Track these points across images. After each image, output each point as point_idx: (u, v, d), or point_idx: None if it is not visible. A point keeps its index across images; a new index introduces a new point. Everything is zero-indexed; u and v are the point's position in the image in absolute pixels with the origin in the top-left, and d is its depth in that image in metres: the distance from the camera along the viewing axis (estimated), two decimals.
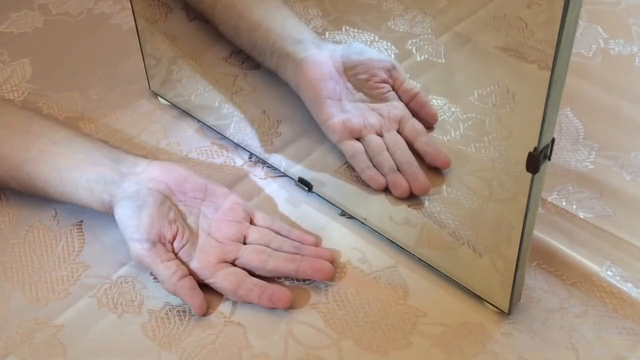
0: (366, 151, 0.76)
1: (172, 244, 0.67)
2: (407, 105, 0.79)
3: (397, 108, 0.78)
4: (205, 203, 0.71)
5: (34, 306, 0.67)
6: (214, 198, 0.71)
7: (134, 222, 0.66)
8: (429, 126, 0.79)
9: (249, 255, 0.68)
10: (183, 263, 0.67)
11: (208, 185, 0.71)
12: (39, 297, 0.68)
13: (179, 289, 0.65)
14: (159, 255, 0.66)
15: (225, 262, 0.68)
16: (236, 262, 0.68)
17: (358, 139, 0.77)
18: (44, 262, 0.70)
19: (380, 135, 0.77)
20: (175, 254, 0.67)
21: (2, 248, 0.72)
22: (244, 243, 0.70)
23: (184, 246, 0.67)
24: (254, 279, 0.67)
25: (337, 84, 0.78)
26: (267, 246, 0.69)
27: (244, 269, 0.68)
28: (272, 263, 0.68)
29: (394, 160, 0.76)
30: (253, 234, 0.70)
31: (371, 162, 0.76)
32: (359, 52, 0.80)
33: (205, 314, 0.66)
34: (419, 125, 0.78)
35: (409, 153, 0.76)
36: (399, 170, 0.75)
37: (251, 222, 0.71)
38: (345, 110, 0.77)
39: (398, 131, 0.78)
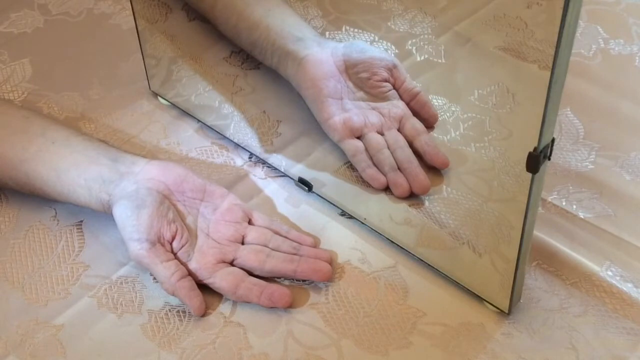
0: (367, 150, 0.76)
1: (171, 244, 0.67)
2: (407, 104, 0.79)
3: (397, 107, 0.78)
4: (204, 203, 0.71)
5: (34, 306, 0.67)
6: (212, 199, 0.71)
7: (133, 222, 0.66)
8: (429, 126, 0.79)
9: (247, 256, 0.68)
10: (182, 263, 0.67)
11: (207, 185, 0.71)
12: (39, 297, 0.68)
13: (178, 290, 0.65)
14: (158, 256, 0.66)
15: (224, 262, 0.68)
16: (235, 262, 0.68)
17: (359, 138, 0.77)
18: (44, 262, 0.70)
19: (381, 133, 0.77)
20: (174, 254, 0.67)
21: (2, 248, 0.72)
22: (242, 243, 0.70)
23: (182, 246, 0.67)
24: (253, 278, 0.67)
25: (338, 83, 0.78)
26: (265, 246, 0.69)
27: (242, 269, 0.68)
28: (270, 263, 0.68)
29: (394, 158, 0.76)
30: (251, 234, 0.70)
31: (372, 160, 0.76)
32: (360, 51, 0.80)
33: (204, 314, 0.66)
34: (419, 125, 0.78)
35: (409, 151, 0.76)
36: (399, 169, 0.75)
37: (250, 223, 0.71)
38: (346, 109, 0.77)
39: (398, 130, 0.78)
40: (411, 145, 0.77)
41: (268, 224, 0.71)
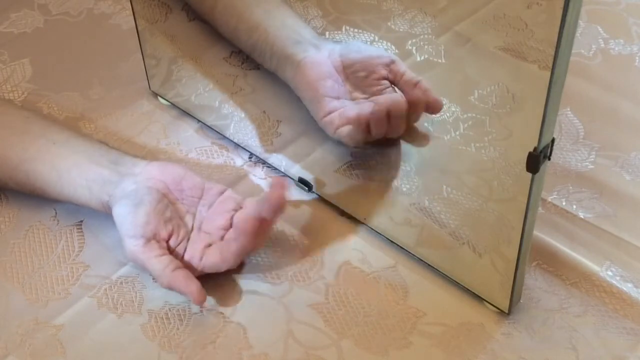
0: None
1: (167, 242, 0.67)
2: (410, 93, 0.78)
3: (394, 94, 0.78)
4: (202, 201, 0.71)
5: (34, 306, 0.67)
6: (209, 196, 0.71)
7: (130, 219, 0.66)
8: (434, 112, 0.78)
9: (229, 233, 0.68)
10: (177, 259, 0.67)
11: (205, 184, 0.71)
12: (39, 297, 0.68)
13: (174, 280, 0.65)
14: (152, 251, 0.66)
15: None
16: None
17: None
18: (44, 262, 0.70)
19: None
20: (171, 252, 0.67)
21: (2, 248, 0.72)
22: None
23: (179, 243, 0.67)
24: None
25: (336, 83, 0.78)
26: None
27: None
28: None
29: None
30: (238, 216, 0.70)
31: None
32: (358, 50, 0.80)
33: (203, 303, 0.65)
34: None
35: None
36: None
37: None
38: (343, 107, 0.77)
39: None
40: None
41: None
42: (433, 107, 0.78)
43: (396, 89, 0.79)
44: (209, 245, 0.68)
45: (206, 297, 0.65)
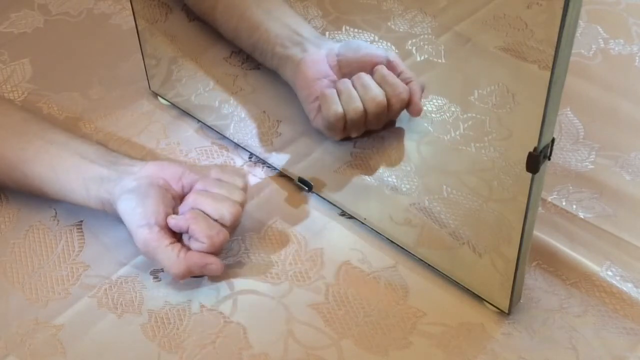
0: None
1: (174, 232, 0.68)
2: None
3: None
4: None
5: (34, 306, 0.67)
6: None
7: (139, 211, 0.66)
8: (412, 115, 0.78)
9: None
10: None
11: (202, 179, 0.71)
12: (39, 297, 0.68)
13: (190, 260, 0.66)
14: (166, 238, 0.66)
15: None
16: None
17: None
18: (44, 262, 0.70)
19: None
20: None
21: (2, 248, 0.72)
22: None
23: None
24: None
25: (333, 82, 0.78)
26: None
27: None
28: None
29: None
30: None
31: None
32: (355, 49, 0.80)
33: (222, 270, 0.67)
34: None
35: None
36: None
37: None
38: None
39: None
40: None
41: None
42: (412, 110, 0.78)
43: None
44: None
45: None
